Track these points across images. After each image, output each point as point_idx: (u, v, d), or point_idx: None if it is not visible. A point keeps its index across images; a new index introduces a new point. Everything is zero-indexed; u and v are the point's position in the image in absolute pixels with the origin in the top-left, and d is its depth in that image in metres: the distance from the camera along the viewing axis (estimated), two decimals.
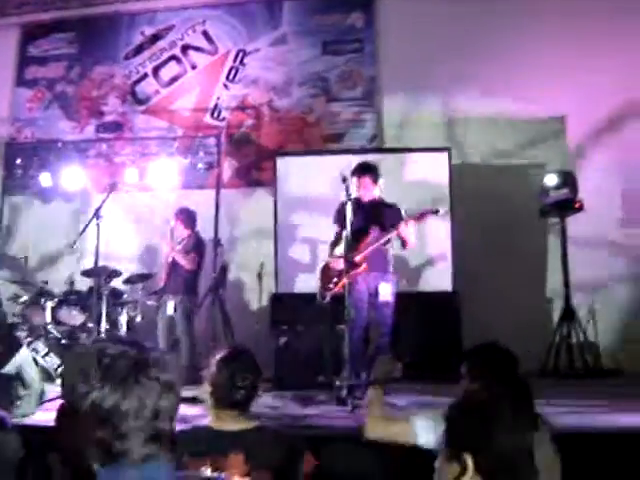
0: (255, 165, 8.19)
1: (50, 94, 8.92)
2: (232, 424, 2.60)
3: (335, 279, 5.56)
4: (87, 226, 6.22)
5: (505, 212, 7.31)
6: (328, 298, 5.63)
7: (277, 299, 7.26)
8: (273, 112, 8.27)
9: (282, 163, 7.65)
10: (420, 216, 5.53)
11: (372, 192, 5.66)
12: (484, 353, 2.76)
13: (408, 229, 5.46)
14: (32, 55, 9.10)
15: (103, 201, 6.27)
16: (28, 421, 4.43)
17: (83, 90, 8.82)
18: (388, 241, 5.58)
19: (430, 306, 6.83)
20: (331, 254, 5.75)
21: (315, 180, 7.17)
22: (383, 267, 5.59)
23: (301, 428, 4.39)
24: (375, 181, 5.65)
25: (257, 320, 7.33)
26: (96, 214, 6.17)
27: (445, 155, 7.25)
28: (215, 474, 2.32)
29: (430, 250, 7.17)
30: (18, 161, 8.24)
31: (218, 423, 2.63)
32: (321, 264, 5.96)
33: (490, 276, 7.12)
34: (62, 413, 2.22)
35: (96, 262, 6.22)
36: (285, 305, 7.06)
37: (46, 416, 4.49)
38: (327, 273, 5.72)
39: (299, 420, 4.77)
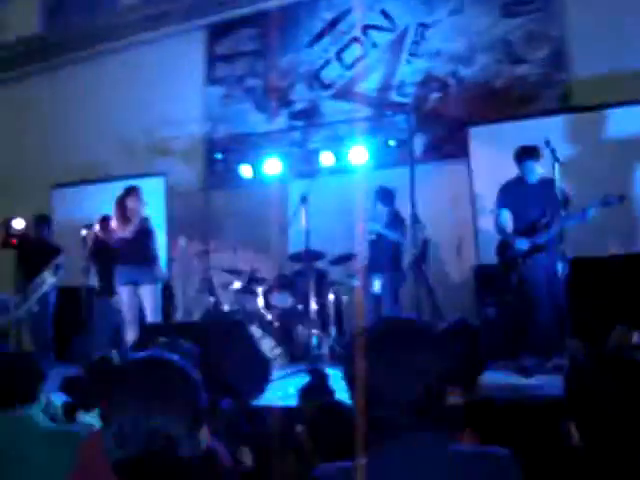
0: (446, 138, 8.11)
1: (240, 89, 9.31)
2: (458, 397, 2.59)
3: (519, 259, 5.66)
4: (295, 212, 6.48)
5: None
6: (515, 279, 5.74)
7: (480, 270, 7.21)
8: (459, 82, 8.15)
9: (473, 132, 7.59)
10: (604, 204, 5.49)
11: (537, 173, 5.77)
12: None
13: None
14: (219, 54, 9.54)
15: (306, 187, 6.51)
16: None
17: (271, 82, 9.12)
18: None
19: None
20: (505, 233, 5.88)
21: (509, 146, 7.00)
22: (557, 243, 5.55)
23: (523, 399, 4.37)
24: (537, 162, 5.72)
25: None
26: (302, 199, 6.42)
27: None
28: None
29: None
30: (217, 156, 8.74)
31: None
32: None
33: None
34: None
35: (305, 245, 6.47)
36: (489, 276, 6.97)
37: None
38: (507, 253, 5.81)
39: (520, 391, 4.74)
